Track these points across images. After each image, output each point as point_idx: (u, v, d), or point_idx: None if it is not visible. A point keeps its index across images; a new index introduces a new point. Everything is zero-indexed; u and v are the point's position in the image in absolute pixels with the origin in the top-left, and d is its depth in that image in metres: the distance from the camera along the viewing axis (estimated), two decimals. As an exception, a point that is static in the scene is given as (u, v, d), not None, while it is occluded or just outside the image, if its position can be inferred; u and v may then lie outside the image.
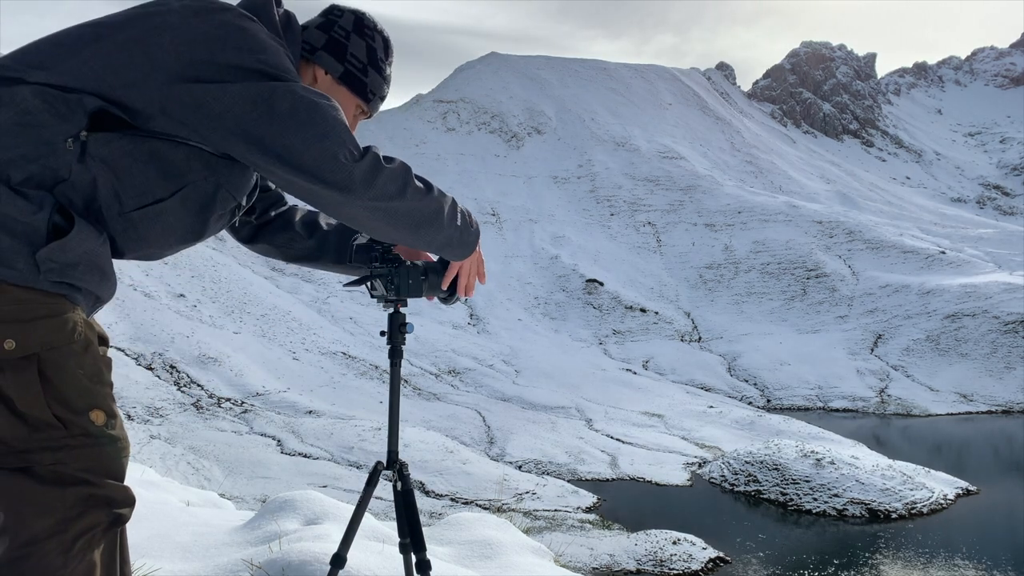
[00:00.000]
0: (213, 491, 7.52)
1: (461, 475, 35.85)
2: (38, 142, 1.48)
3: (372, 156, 1.68)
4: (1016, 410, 57.51)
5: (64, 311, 1.47)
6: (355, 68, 1.97)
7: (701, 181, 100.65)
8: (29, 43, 1.61)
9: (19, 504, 1.43)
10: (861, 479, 35.09)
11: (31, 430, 1.44)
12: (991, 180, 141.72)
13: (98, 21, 1.62)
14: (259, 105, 1.56)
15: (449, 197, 1.88)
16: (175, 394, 41.34)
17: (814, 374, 63.88)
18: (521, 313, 73.65)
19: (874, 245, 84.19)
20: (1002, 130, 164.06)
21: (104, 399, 1.52)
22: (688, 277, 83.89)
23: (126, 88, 1.54)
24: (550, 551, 3.91)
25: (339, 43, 1.95)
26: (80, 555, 1.47)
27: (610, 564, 27.04)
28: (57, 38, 1.59)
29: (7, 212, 1.42)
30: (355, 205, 1.68)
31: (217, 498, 5.25)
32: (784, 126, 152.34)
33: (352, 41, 1.97)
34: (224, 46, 1.58)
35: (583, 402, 52.54)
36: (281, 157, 1.59)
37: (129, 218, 1.59)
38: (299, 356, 52.49)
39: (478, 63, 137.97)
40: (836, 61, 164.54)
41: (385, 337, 2.17)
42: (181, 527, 3.59)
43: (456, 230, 1.91)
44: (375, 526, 3.58)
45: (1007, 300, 67.71)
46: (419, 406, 47.40)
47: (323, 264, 2.22)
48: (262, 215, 2.11)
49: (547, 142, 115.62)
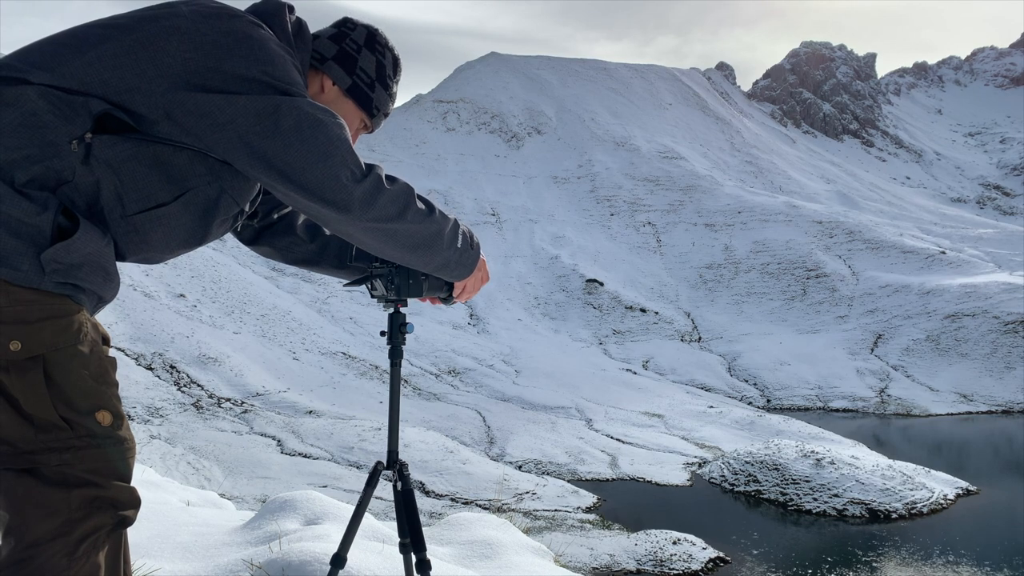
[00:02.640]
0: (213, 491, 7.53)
1: (461, 475, 35.83)
2: (42, 143, 1.47)
3: (374, 177, 1.68)
4: (1016, 410, 57.48)
5: (69, 312, 1.47)
6: (363, 82, 1.97)
7: (701, 181, 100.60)
8: (33, 43, 1.59)
9: (25, 505, 1.44)
10: (861, 479, 35.08)
11: (37, 431, 1.44)
12: (991, 180, 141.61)
13: (104, 22, 1.61)
14: (264, 119, 1.56)
15: (451, 219, 1.88)
16: (175, 394, 41.33)
17: (814, 374, 63.85)
18: (521, 313, 73.62)
19: (874, 245, 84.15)
20: (1002, 130, 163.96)
21: (110, 400, 1.52)
22: (688, 277, 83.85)
23: (131, 92, 1.54)
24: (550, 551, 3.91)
25: (350, 56, 1.95)
26: (84, 557, 1.47)
27: (610, 564, 27.04)
28: (62, 38, 1.58)
29: (11, 213, 1.41)
30: (354, 225, 1.69)
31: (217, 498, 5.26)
32: (784, 126, 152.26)
33: (363, 55, 1.96)
34: (231, 55, 1.57)
35: (583, 402, 52.52)
36: (283, 173, 1.59)
37: (131, 221, 1.59)
38: (299, 356, 52.48)
39: (478, 63, 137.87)
40: (836, 61, 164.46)
41: (385, 337, 2.18)
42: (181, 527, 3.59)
43: (455, 252, 1.91)
44: (375, 526, 3.58)
45: (1007, 300, 67.69)
46: (419, 406, 47.38)
47: (324, 268, 2.22)
48: (264, 218, 2.11)
49: (547, 142, 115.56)
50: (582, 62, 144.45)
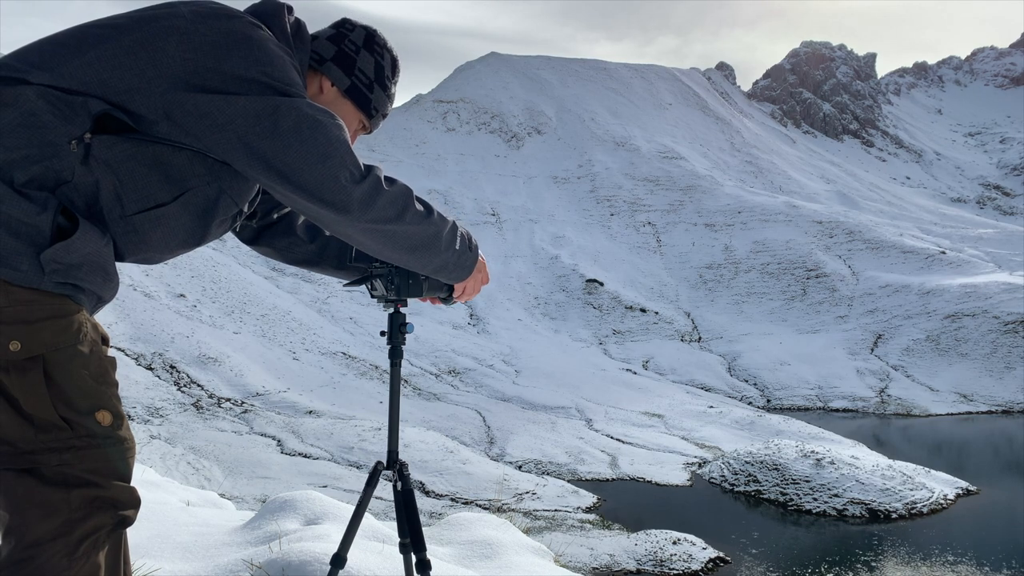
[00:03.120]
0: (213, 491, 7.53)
1: (461, 475, 35.84)
2: (42, 143, 1.47)
3: (373, 178, 1.68)
4: (1016, 410, 57.49)
5: (69, 312, 1.47)
6: (361, 83, 1.97)
7: (701, 181, 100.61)
8: (33, 43, 1.59)
9: (25, 505, 1.44)
10: (861, 479, 35.08)
11: (37, 431, 1.44)
12: (991, 180, 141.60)
13: (104, 22, 1.61)
14: (263, 120, 1.56)
15: (449, 221, 1.88)
16: (175, 394, 41.34)
17: (814, 374, 63.86)
18: (521, 313, 73.62)
19: (874, 245, 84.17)
20: (1002, 130, 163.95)
21: (110, 400, 1.53)
22: (688, 277, 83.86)
23: (130, 92, 1.53)
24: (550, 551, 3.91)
25: (348, 57, 1.95)
26: (84, 557, 1.47)
27: (610, 564, 27.04)
28: (61, 39, 1.58)
29: (10, 213, 1.41)
30: (352, 226, 1.69)
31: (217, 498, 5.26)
32: (784, 126, 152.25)
33: (361, 56, 1.96)
34: (230, 55, 1.57)
35: (583, 402, 52.52)
36: (282, 174, 1.59)
37: (130, 221, 1.59)
38: (299, 356, 52.49)
39: (478, 63, 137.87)
40: (836, 61, 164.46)
41: (385, 337, 2.18)
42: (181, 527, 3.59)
43: (453, 254, 1.91)
44: (375, 526, 3.58)
45: (1007, 300, 67.70)
46: (419, 406, 47.39)
47: (323, 268, 2.22)
48: (264, 218, 2.11)
49: (547, 142, 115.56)
50: (582, 62, 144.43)
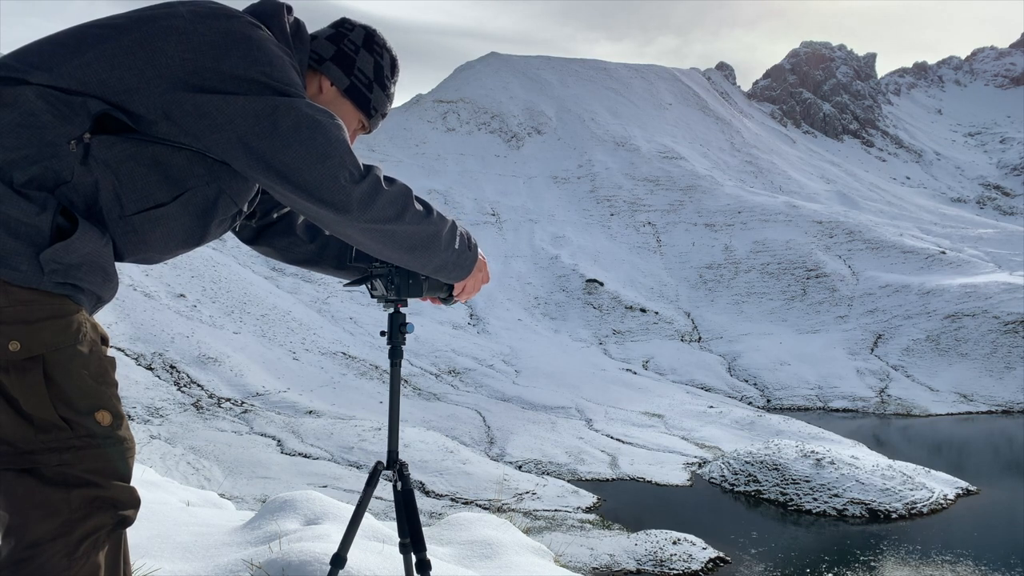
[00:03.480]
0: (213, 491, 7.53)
1: (461, 475, 35.84)
2: (41, 143, 1.47)
3: (372, 178, 1.68)
4: (1016, 410, 57.49)
5: (69, 312, 1.47)
6: (361, 83, 1.97)
7: (701, 181, 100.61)
8: (32, 43, 1.59)
9: (25, 506, 1.44)
10: (861, 479, 35.08)
11: (37, 431, 1.44)
12: (991, 180, 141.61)
13: (103, 22, 1.61)
14: (262, 120, 1.56)
15: (449, 220, 1.88)
16: (175, 394, 41.34)
17: (814, 374, 63.86)
18: (521, 313, 73.62)
19: (874, 245, 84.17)
20: (1002, 130, 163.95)
21: (110, 400, 1.53)
22: (688, 277, 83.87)
23: (130, 92, 1.53)
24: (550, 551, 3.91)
25: (348, 56, 1.95)
26: (84, 557, 1.47)
27: (610, 564, 27.04)
28: (60, 39, 1.58)
29: (10, 213, 1.41)
30: (352, 226, 1.69)
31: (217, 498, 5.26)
32: (784, 126, 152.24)
33: (361, 56, 1.96)
34: (230, 55, 1.57)
35: (583, 402, 52.52)
36: (281, 174, 1.59)
37: (130, 221, 1.59)
38: (299, 356, 52.49)
39: (478, 63, 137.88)
40: (836, 61, 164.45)
41: (385, 337, 2.18)
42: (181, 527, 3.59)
43: (453, 253, 1.91)
44: (375, 526, 3.58)
45: (1007, 300, 67.70)
46: (419, 406, 47.39)
47: (323, 268, 2.22)
48: (263, 217, 2.11)
49: (547, 142, 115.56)
50: (582, 62, 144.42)
